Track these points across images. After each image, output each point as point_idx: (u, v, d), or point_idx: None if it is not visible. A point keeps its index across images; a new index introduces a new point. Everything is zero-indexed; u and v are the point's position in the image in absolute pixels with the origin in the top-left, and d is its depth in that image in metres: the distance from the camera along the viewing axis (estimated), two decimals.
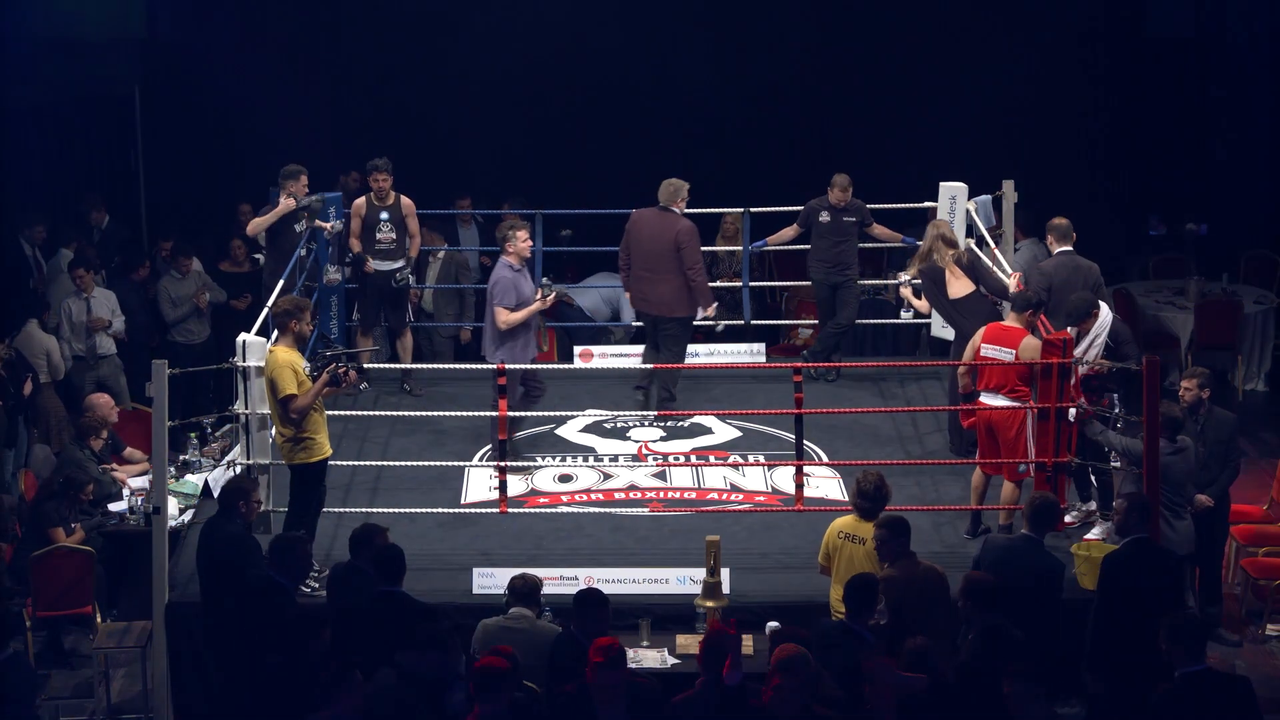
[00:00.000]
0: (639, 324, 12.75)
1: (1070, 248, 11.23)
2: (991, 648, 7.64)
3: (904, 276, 11.80)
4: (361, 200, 12.54)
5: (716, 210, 13.83)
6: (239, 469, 10.45)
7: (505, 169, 16.43)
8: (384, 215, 12.44)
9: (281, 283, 11.60)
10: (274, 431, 9.93)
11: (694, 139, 16.69)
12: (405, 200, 12.55)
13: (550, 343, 14.06)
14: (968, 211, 12.53)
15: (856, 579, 8.27)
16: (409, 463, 11.09)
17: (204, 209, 15.51)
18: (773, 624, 9.05)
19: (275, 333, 9.86)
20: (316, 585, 9.44)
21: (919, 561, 8.59)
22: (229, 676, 8.70)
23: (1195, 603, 10.16)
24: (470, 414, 11.39)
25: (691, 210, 12.45)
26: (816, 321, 13.15)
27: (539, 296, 11.09)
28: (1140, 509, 8.76)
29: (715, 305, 12.14)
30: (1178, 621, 7.66)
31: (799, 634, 7.93)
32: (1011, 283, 10.94)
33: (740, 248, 13.47)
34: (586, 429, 12.10)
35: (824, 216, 12.57)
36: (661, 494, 11.00)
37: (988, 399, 10.11)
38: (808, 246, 12.73)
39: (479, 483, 11.19)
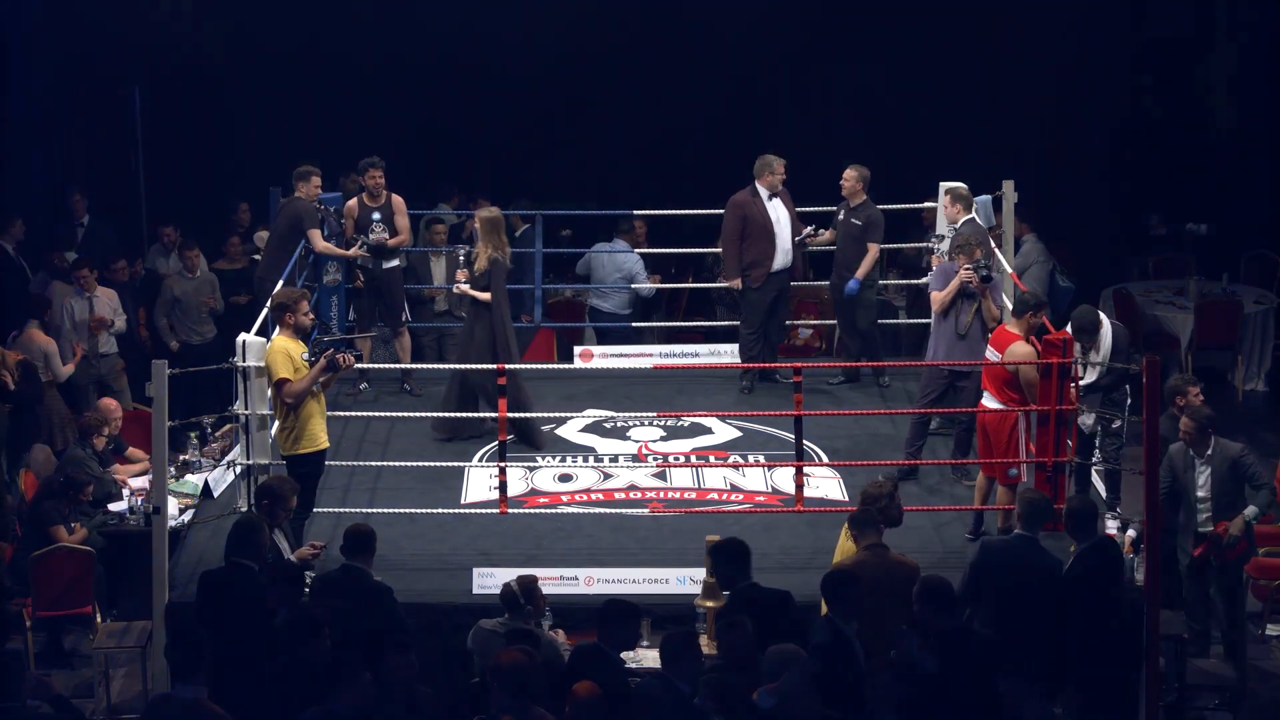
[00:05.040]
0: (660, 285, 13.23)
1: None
2: (962, 652, 7.55)
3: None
4: (354, 202, 12.60)
5: (720, 211, 13.81)
6: (239, 469, 10.46)
7: (506, 169, 16.42)
8: (375, 215, 12.47)
9: (281, 282, 11.59)
10: (274, 428, 9.99)
11: (696, 139, 16.69)
12: (396, 198, 12.58)
13: (550, 343, 14.05)
14: None
15: (831, 573, 8.21)
16: (409, 463, 11.09)
17: (204, 208, 15.50)
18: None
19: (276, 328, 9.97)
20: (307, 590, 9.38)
21: (889, 554, 8.46)
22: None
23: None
24: (470, 414, 11.38)
25: (696, 210, 12.45)
26: (818, 322, 13.17)
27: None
28: (1076, 517, 8.71)
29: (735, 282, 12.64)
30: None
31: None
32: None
33: None
34: (586, 429, 12.09)
35: (840, 215, 12.60)
36: (661, 494, 10.99)
37: (986, 400, 10.13)
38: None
39: (479, 483, 11.18)
